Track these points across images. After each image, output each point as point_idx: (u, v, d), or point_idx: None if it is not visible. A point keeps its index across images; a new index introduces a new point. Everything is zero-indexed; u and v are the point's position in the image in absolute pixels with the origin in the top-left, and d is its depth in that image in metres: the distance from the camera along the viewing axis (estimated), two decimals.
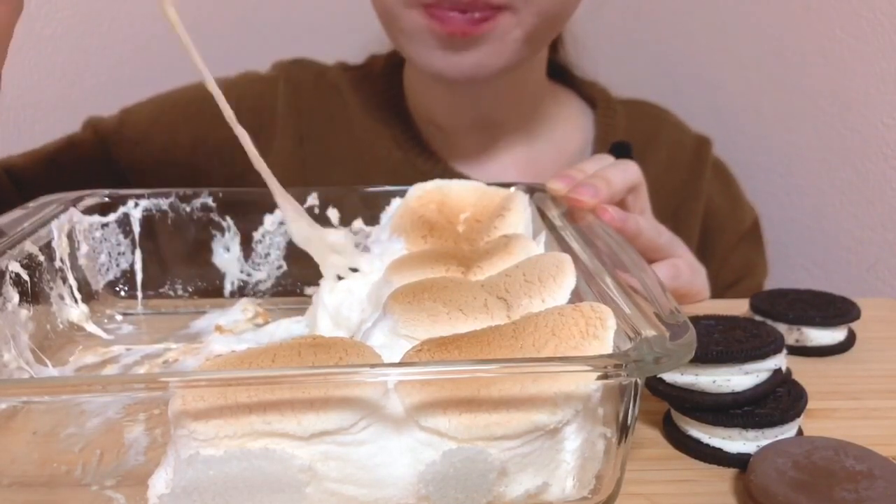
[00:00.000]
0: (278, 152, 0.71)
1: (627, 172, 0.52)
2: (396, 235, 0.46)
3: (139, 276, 0.52)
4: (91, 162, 0.68)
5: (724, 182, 0.78)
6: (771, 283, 0.80)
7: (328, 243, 0.44)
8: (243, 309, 0.51)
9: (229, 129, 0.70)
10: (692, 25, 0.92)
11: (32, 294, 0.44)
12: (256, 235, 0.53)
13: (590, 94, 0.76)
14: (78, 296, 0.48)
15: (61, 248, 0.47)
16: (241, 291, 0.53)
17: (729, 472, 0.35)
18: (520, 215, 0.47)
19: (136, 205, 0.51)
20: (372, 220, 0.52)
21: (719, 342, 0.37)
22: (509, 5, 0.58)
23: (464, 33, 0.58)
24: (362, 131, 0.72)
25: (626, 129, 0.73)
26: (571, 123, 0.75)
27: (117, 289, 0.52)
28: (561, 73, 0.76)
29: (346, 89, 0.74)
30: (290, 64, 0.76)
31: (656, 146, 0.74)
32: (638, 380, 0.29)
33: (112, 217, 0.51)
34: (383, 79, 0.74)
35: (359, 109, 0.73)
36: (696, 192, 0.75)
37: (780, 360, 0.37)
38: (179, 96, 0.72)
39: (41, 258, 0.45)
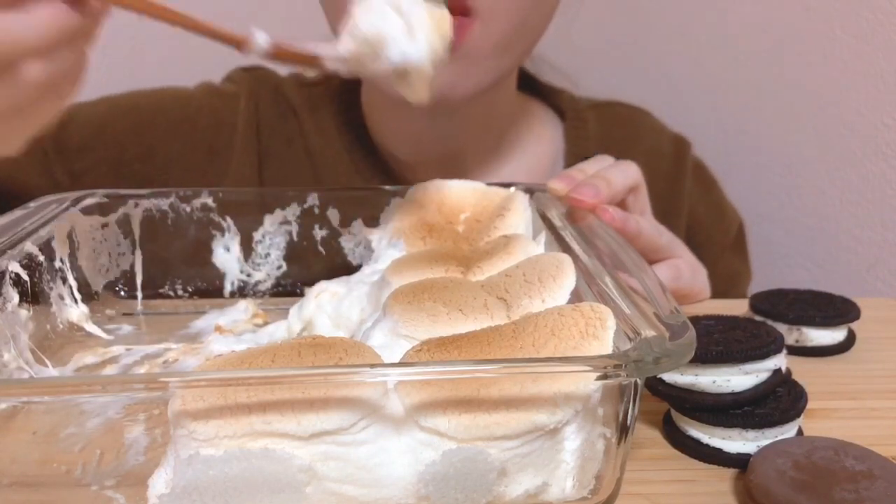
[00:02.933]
0: (236, 172, 0.66)
1: (628, 173, 0.52)
2: (396, 238, 0.46)
3: (139, 277, 0.52)
4: (26, 167, 0.61)
5: (706, 187, 0.75)
6: (771, 283, 0.80)
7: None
8: (243, 309, 0.51)
9: (182, 142, 0.65)
10: (692, 25, 0.92)
11: (32, 294, 0.44)
12: (256, 235, 0.53)
13: (557, 103, 0.72)
14: (78, 296, 0.48)
15: (61, 248, 0.47)
16: (241, 291, 0.53)
17: (729, 472, 0.35)
18: (520, 215, 0.47)
19: (136, 205, 0.51)
20: (371, 220, 0.52)
21: (719, 342, 0.37)
22: (473, 10, 0.53)
23: None
24: (321, 156, 0.67)
25: (598, 138, 0.70)
26: (541, 139, 0.71)
27: (117, 289, 0.52)
28: (527, 82, 0.72)
29: (302, 110, 0.69)
30: (250, 77, 0.70)
31: (632, 156, 0.70)
32: (638, 380, 0.29)
33: (112, 217, 0.51)
34: (340, 98, 0.68)
35: (316, 133, 0.68)
36: (676, 204, 0.72)
37: (780, 360, 0.37)
38: (128, 103, 0.66)
39: (41, 258, 0.45)
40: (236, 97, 0.68)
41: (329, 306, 0.45)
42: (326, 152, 0.67)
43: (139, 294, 0.52)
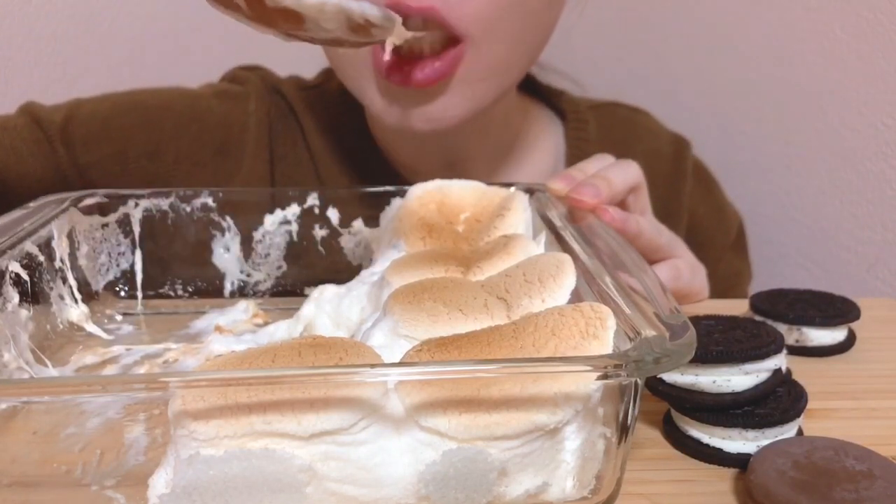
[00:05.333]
0: (249, 171, 0.66)
1: (628, 172, 0.52)
2: (396, 238, 0.46)
3: (139, 276, 0.52)
4: (28, 155, 0.60)
5: (706, 188, 0.75)
6: (771, 283, 0.80)
7: None
8: (243, 309, 0.51)
9: (191, 141, 0.65)
10: (693, 25, 0.92)
11: (32, 294, 0.44)
12: (256, 235, 0.53)
13: (557, 104, 0.72)
14: (78, 296, 0.49)
15: (61, 248, 0.47)
16: (241, 291, 0.53)
17: (729, 472, 0.35)
18: (520, 215, 0.47)
19: (136, 205, 0.51)
20: (371, 220, 0.52)
21: (719, 342, 0.37)
22: (464, 38, 0.52)
23: (414, 84, 0.53)
24: (322, 159, 0.68)
25: (598, 141, 0.70)
26: (542, 142, 0.71)
27: (117, 289, 0.52)
28: (527, 83, 0.71)
29: (302, 113, 0.69)
30: (256, 77, 0.70)
31: (631, 157, 0.68)
32: (638, 380, 0.29)
33: (112, 217, 0.51)
34: (340, 99, 0.67)
35: (317, 134, 0.68)
36: (676, 205, 0.72)
37: (780, 360, 0.37)
38: (133, 100, 0.66)
39: (41, 258, 0.45)
40: (246, 97, 0.68)
41: (329, 306, 0.45)
42: (329, 155, 0.67)
43: (139, 294, 0.52)
